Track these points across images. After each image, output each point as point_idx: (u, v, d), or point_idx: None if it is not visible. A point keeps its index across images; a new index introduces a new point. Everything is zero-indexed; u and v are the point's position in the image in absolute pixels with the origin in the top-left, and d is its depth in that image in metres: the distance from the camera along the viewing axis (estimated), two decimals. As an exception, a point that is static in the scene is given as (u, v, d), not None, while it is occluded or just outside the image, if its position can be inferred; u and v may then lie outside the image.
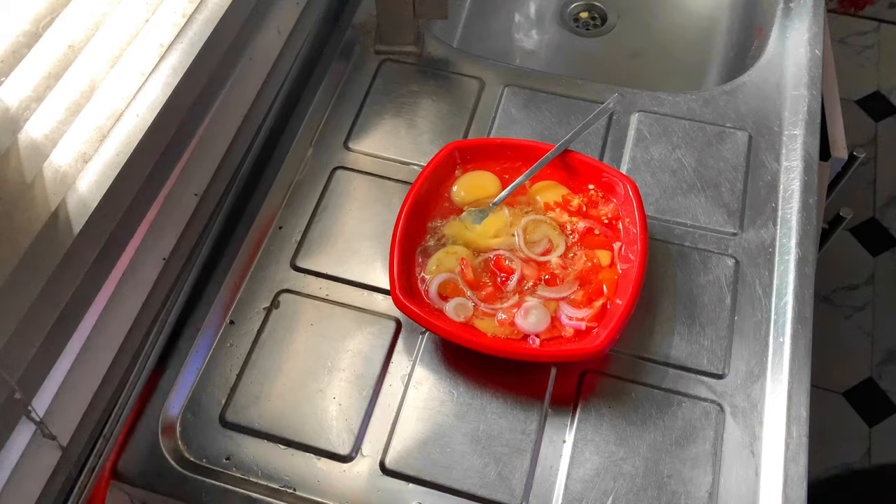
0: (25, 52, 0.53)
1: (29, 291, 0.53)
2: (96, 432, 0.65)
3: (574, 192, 0.78)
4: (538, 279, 0.73)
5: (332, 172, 0.84)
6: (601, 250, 0.74)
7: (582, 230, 0.75)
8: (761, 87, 0.90)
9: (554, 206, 0.77)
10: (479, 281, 0.73)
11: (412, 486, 0.66)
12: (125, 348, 0.67)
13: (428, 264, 0.74)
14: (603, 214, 0.76)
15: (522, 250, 0.74)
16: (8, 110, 0.53)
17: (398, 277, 0.70)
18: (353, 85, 0.91)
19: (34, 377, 0.56)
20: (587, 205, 0.77)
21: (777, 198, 0.82)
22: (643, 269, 0.70)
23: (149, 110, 0.62)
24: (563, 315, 0.71)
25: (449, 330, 0.69)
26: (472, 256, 0.74)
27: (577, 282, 0.72)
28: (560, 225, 0.76)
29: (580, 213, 0.76)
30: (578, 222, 0.75)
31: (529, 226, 0.76)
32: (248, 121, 0.81)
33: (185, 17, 0.67)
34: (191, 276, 0.74)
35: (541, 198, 0.78)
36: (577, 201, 0.77)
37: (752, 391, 0.71)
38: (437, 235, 0.76)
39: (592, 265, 0.73)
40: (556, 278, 0.73)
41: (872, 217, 1.77)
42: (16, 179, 0.53)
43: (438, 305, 0.71)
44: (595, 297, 0.71)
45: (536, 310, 0.71)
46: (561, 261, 0.74)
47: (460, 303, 0.71)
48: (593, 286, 0.72)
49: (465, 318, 0.71)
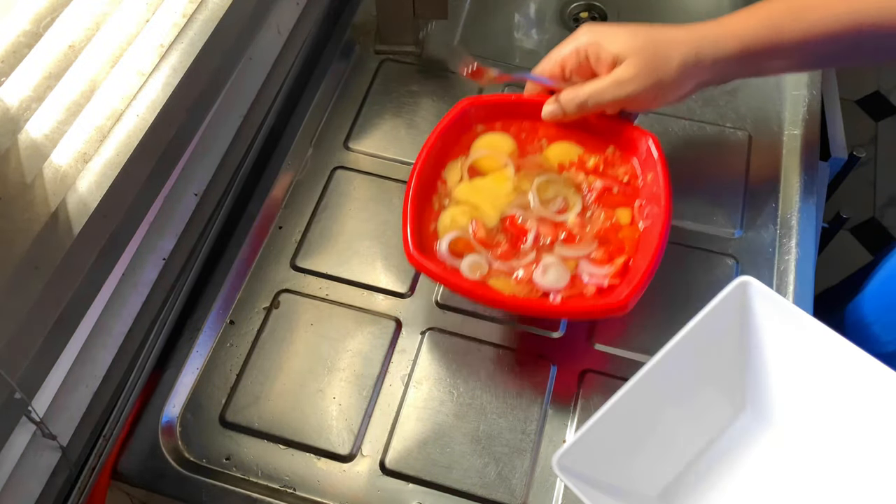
0: (26, 52, 0.53)
1: (29, 291, 0.53)
2: (96, 432, 0.65)
3: (590, 153, 0.75)
4: (555, 238, 0.70)
5: (332, 172, 0.84)
6: (621, 209, 0.72)
7: (599, 189, 0.72)
8: (761, 87, 0.90)
9: (569, 167, 0.74)
10: (493, 240, 0.70)
11: (412, 486, 0.66)
12: (125, 348, 0.67)
13: (440, 221, 0.71)
14: (621, 174, 0.74)
15: (537, 209, 0.71)
16: (8, 110, 0.53)
17: (412, 234, 0.68)
18: (353, 85, 0.91)
19: (34, 377, 0.56)
20: (604, 164, 0.74)
21: (777, 198, 0.82)
22: (668, 224, 0.68)
23: (149, 110, 0.62)
24: (583, 273, 0.68)
25: (467, 287, 0.67)
26: (484, 217, 0.72)
27: (597, 240, 0.70)
28: (576, 184, 0.73)
29: (596, 173, 0.74)
30: (595, 181, 0.73)
31: (542, 185, 0.73)
32: (248, 121, 0.81)
33: (186, 17, 0.67)
34: (191, 276, 0.74)
35: (555, 158, 0.75)
36: (592, 161, 0.74)
37: (752, 391, 0.70)
38: (448, 196, 0.73)
39: (612, 224, 0.71)
40: (574, 237, 0.70)
41: (872, 217, 1.77)
42: (16, 179, 0.53)
43: (452, 264, 0.69)
44: (616, 255, 0.69)
45: (556, 266, 0.68)
46: (579, 220, 0.71)
47: (475, 260, 0.69)
48: (613, 245, 0.70)
49: (481, 275, 0.68)
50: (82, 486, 0.64)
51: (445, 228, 0.71)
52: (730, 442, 0.66)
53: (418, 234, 0.69)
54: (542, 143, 0.76)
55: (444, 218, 0.72)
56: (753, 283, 0.64)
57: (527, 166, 0.75)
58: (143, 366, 0.69)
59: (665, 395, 0.63)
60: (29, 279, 0.53)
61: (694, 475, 0.64)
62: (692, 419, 0.66)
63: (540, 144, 0.76)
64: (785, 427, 0.65)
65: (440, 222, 0.72)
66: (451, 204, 0.73)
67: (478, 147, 0.76)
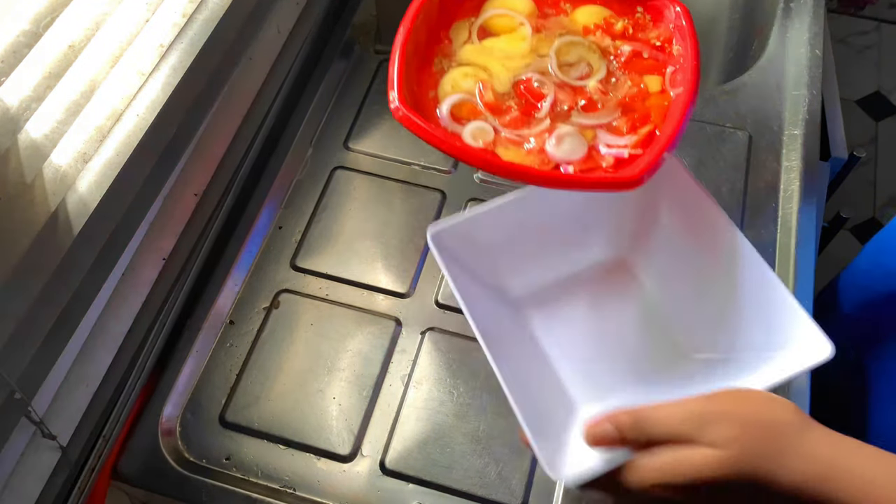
0: (26, 52, 0.53)
1: (29, 291, 0.53)
2: (96, 432, 0.65)
3: (619, 17, 0.68)
4: (574, 105, 0.63)
5: (332, 172, 0.84)
6: (650, 75, 0.64)
7: (628, 53, 0.65)
8: (761, 87, 0.90)
9: (594, 29, 0.67)
10: (502, 105, 0.62)
11: (412, 486, 0.66)
12: (125, 348, 0.67)
13: (440, 84, 0.63)
14: (654, 37, 0.66)
15: (556, 74, 0.64)
16: (8, 110, 0.53)
17: (398, 82, 0.59)
18: (353, 85, 0.91)
19: (34, 377, 0.56)
20: (634, 27, 0.67)
21: (777, 198, 0.82)
22: (693, 94, 0.62)
23: (149, 110, 0.62)
24: (601, 143, 0.61)
25: (464, 149, 0.59)
26: (494, 80, 0.64)
27: (620, 108, 0.62)
28: (602, 49, 0.66)
29: (625, 37, 0.67)
30: (623, 45, 0.66)
31: (563, 48, 0.65)
32: (248, 121, 0.81)
33: (185, 17, 0.67)
34: (191, 276, 0.74)
35: (581, 21, 0.68)
36: (620, 24, 0.67)
37: (752, 391, 0.70)
38: (452, 58, 0.66)
39: (639, 91, 0.64)
40: (595, 104, 0.63)
41: (872, 217, 1.77)
42: (16, 179, 0.53)
43: (453, 129, 0.61)
44: (641, 124, 0.62)
45: (571, 137, 0.61)
46: (601, 86, 0.64)
47: (479, 126, 0.61)
48: (639, 113, 0.62)
49: (485, 143, 0.60)
50: (82, 486, 0.64)
51: (446, 93, 0.63)
52: (591, 273, 0.69)
53: (412, 95, 0.61)
54: (566, 6, 0.69)
55: (445, 82, 0.63)
56: None
57: (548, 27, 0.67)
58: (143, 366, 0.69)
59: (554, 213, 0.65)
60: (29, 279, 0.53)
61: (554, 292, 0.67)
62: (573, 245, 0.69)
63: (564, 7, 0.69)
64: (648, 276, 0.68)
65: (441, 87, 0.63)
66: (455, 66, 0.64)
67: (490, 6, 0.68)
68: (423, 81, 0.63)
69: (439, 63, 0.65)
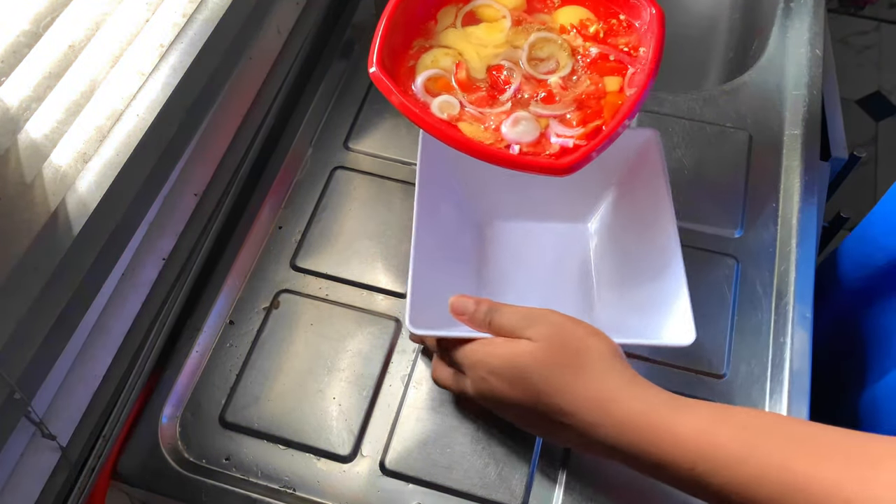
0: (26, 51, 0.53)
1: (29, 291, 0.53)
2: (96, 432, 0.65)
3: (599, 18, 0.72)
4: (534, 95, 0.69)
5: (332, 172, 0.84)
6: (611, 76, 0.69)
7: (594, 55, 0.70)
8: (761, 87, 0.90)
9: (570, 29, 0.72)
10: (473, 84, 0.68)
11: (412, 487, 0.66)
12: (125, 348, 0.67)
13: (421, 59, 0.69)
14: (623, 43, 0.70)
15: (524, 66, 0.69)
16: (8, 110, 0.53)
17: (379, 48, 0.65)
18: (353, 85, 0.91)
19: (34, 377, 0.56)
20: (606, 32, 0.71)
21: (777, 198, 0.82)
22: (641, 96, 0.65)
23: (149, 110, 0.62)
24: (552, 133, 0.66)
25: (425, 119, 0.64)
26: (469, 64, 0.69)
27: (575, 104, 0.68)
28: (572, 48, 0.71)
29: (595, 39, 0.71)
30: (591, 47, 0.70)
31: (538, 43, 0.70)
32: (248, 121, 0.81)
33: (185, 17, 0.67)
34: (191, 276, 0.74)
35: (563, 19, 0.72)
36: (594, 28, 0.71)
37: (752, 391, 0.71)
38: (434, 38, 0.71)
39: (596, 89, 0.68)
40: (553, 97, 0.68)
41: (872, 217, 1.76)
42: (16, 179, 0.53)
43: (424, 99, 0.67)
44: (592, 119, 0.67)
45: (527, 121, 0.66)
46: (562, 82, 0.69)
47: (446, 100, 0.67)
48: (592, 109, 0.67)
49: (449, 115, 0.66)
50: (82, 486, 0.64)
51: (425, 66, 0.69)
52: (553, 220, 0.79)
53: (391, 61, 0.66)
54: (553, 1, 0.73)
55: (426, 57, 0.69)
56: None
57: (529, 21, 0.72)
58: (142, 366, 0.69)
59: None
60: (29, 279, 0.53)
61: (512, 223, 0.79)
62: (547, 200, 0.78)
63: (553, 2, 0.73)
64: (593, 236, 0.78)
65: (420, 61, 0.69)
66: (436, 46, 0.70)
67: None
68: (402, 54, 0.69)
69: (419, 43, 0.71)
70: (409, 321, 0.64)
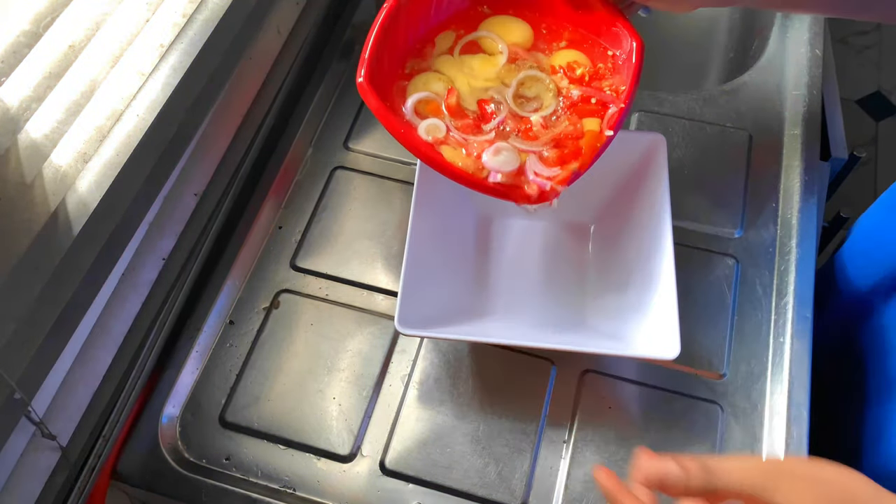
0: (26, 52, 0.53)
1: (29, 291, 0.53)
2: (96, 432, 0.65)
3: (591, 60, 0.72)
4: (516, 130, 0.69)
5: (332, 172, 0.84)
6: (591, 118, 0.70)
7: (575, 98, 0.70)
8: (761, 87, 0.90)
9: (558, 69, 0.72)
10: (462, 111, 0.69)
11: (412, 487, 0.66)
12: (125, 348, 0.67)
13: (413, 80, 0.69)
14: (607, 86, 0.71)
15: (510, 102, 0.69)
16: (8, 110, 0.53)
17: (369, 61, 0.65)
18: (352, 85, 0.90)
19: (34, 377, 0.56)
20: (591, 76, 0.71)
21: (777, 198, 0.82)
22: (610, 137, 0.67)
23: (149, 110, 0.62)
24: (529, 171, 0.67)
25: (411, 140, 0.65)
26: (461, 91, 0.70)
27: (553, 142, 0.68)
28: (558, 88, 0.71)
29: (580, 82, 0.71)
30: (573, 90, 0.70)
31: (526, 81, 0.71)
32: (248, 121, 0.81)
33: (185, 17, 0.67)
34: (191, 276, 0.74)
35: (555, 60, 0.73)
36: (581, 70, 0.71)
37: (752, 391, 0.71)
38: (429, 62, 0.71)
39: (574, 130, 0.69)
40: (530, 133, 0.68)
41: (872, 217, 1.76)
42: (16, 179, 0.53)
43: (412, 120, 0.67)
44: (569, 159, 0.68)
45: (508, 151, 0.67)
46: (542, 121, 0.69)
47: (433, 123, 0.67)
48: (570, 149, 0.68)
49: (434, 139, 0.66)
50: (82, 486, 0.64)
51: (417, 88, 0.69)
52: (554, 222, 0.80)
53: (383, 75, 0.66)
54: (559, 43, 0.73)
55: (418, 80, 0.70)
56: None
57: (523, 59, 0.72)
58: (142, 366, 0.69)
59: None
60: (29, 279, 0.53)
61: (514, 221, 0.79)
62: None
63: (557, 46, 0.73)
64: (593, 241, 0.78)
65: (413, 82, 0.70)
66: (431, 70, 0.71)
67: (488, 27, 0.73)
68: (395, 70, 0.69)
69: (414, 63, 0.71)
70: (397, 321, 0.63)
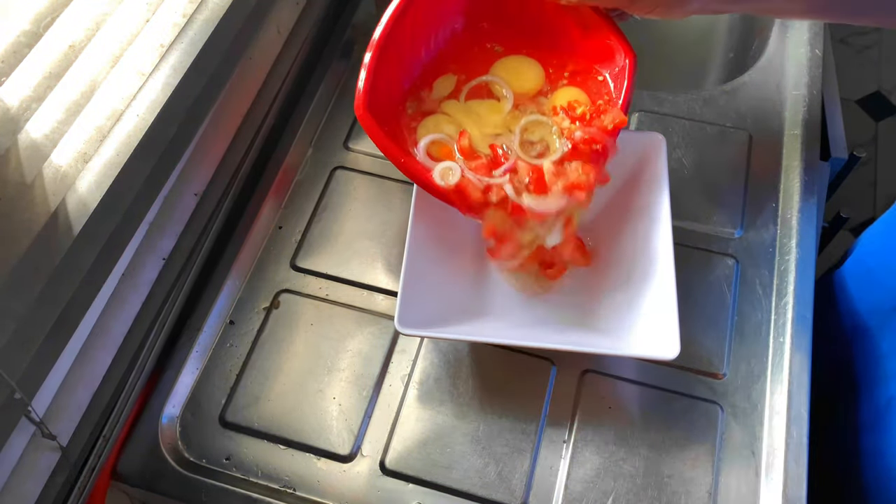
0: (26, 51, 0.54)
1: (29, 291, 0.53)
2: (96, 432, 0.65)
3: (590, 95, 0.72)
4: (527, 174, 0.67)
5: (332, 172, 0.84)
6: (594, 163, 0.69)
7: (577, 139, 0.68)
8: (761, 87, 0.90)
9: (559, 111, 0.71)
10: (475, 153, 0.68)
11: (412, 487, 0.66)
12: (125, 348, 0.67)
13: (423, 122, 0.69)
14: (608, 122, 0.69)
15: (516, 150, 0.69)
16: (8, 110, 0.53)
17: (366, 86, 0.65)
18: (352, 85, 0.90)
19: (34, 377, 0.56)
20: (592, 113, 0.69)
21: (777, 198, 0.82)
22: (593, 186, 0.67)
23: (149, 110, 0.62)
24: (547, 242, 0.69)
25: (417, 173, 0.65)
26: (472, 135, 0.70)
27: (566, 195, 0.67)
28: (561, 130, 0.70)
29: (582, 121, 0.70)
30: (576, 131, 0.69)
31: (530, 126, 0.70)
32: (248, 121, 0.81)
33: (186, 17, 0.67)
34: (191, 276, 0.74)
35: (556, 99, 0.72)
36: (581, 109, 0.70)
37: (752, 391, 0.71)
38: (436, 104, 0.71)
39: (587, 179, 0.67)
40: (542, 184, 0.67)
41: (872, 217, 1.76)
42: (16, 179, 0.53)
43: (426, 163, 0.67)
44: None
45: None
46: (553, 167, 0.68)
47: (448, 167, 0.67)
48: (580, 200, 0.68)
49: (448, 183, 0.66)
50: (82, 486, 0.64)
51: (428, 130, 0.69)
52: None
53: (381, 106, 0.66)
54: (562, 82, 0.73)
55: (428, 121, 0.69)
56: None
57: (526, 105, 0.72)
58: (142, 366, 0.69)
59: None
60: (29, 279, 0.53)
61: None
62: None
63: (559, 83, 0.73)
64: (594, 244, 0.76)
65: (422, 124, 0.69)
66: (439, 112, 0.71)
67: (499, 71, 0.73)
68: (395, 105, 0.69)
69: (413, 106, 0.71)
70: (397, 321, 0.64)
